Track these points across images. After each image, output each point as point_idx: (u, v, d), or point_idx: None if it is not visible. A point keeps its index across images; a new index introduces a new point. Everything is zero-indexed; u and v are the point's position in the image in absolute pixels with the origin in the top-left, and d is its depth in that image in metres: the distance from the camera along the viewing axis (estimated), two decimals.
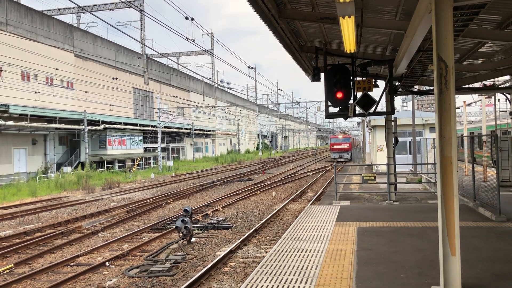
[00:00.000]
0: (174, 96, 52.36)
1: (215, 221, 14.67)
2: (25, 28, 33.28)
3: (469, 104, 29.55)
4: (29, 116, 29.74)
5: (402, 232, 8.98)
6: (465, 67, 13.08)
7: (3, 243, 12.70)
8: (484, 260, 6.77)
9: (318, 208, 12.74)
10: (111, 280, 8.98)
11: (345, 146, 49.89)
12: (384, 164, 15.08)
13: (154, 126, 44.39)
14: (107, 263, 10.20)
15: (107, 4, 47.10)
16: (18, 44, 30.97)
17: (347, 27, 7.17)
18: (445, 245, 5.24)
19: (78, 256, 10.94)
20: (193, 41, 22.18)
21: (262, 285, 5.90)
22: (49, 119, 32.39)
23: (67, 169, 33.70)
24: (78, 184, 27.71)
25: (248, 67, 42.62)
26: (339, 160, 48.78)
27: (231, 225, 14.29)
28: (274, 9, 8.56)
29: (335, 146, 50.45)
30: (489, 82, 18.54)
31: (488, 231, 8.81)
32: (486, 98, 22.79)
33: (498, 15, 8.63)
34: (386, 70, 12.75)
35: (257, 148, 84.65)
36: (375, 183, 15.01)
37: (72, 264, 10.39)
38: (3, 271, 9.85)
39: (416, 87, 16.12)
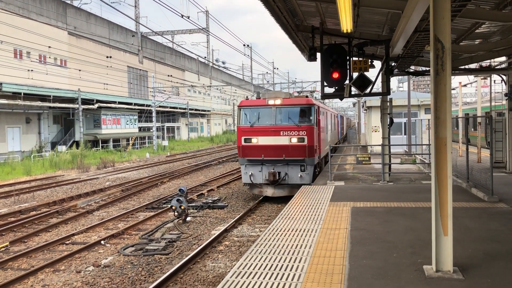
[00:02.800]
0: (169, 75, 51.88)
1: (210, 201, 14.74)
2: (17, 5, 32.66)
3: (465, 85, 29.49)
4: (22, 94, 29.44)
5: (396, 212, 9.05)
6: (461, 48, 12.99)
7: None
8: (476, 240, 6.86)
9: (313, 188, 12.80)
10: (106, 259, 9.05)
11: (292, 140, 13.85)
12: (379, 145, 15.11)
13: (148, 106, 44.12)
14: (102, 242, 10.27)
15: None
16: (10, 21, 30.39)
17: (344, 6, 7.07)
18: (438, 225, 5.29)
19: (73, 234, 10.99)
20: (188, 17, 21.85)
21: (257, 264, 5.96)
22: (43, 98, 32.05)
23: (62, 148, 33.58)
24: (73, 163, 27.65)
25: (244, 45, 42.06)
26: (269, 193, 14.23)
27: (226, 204, 14.37)
28: None
29: (255, 139, 14.12)
30: (485, 63, 18.44)
31: (481, 211, 8.91)
32: (482, 79, 22.74)
33: None
34: (383, 50, 12.64)
35: None
36: (370, 164, 15.07)
37: (67, 242, 10.45)
38: None
39: (412, 68, 16.05)
